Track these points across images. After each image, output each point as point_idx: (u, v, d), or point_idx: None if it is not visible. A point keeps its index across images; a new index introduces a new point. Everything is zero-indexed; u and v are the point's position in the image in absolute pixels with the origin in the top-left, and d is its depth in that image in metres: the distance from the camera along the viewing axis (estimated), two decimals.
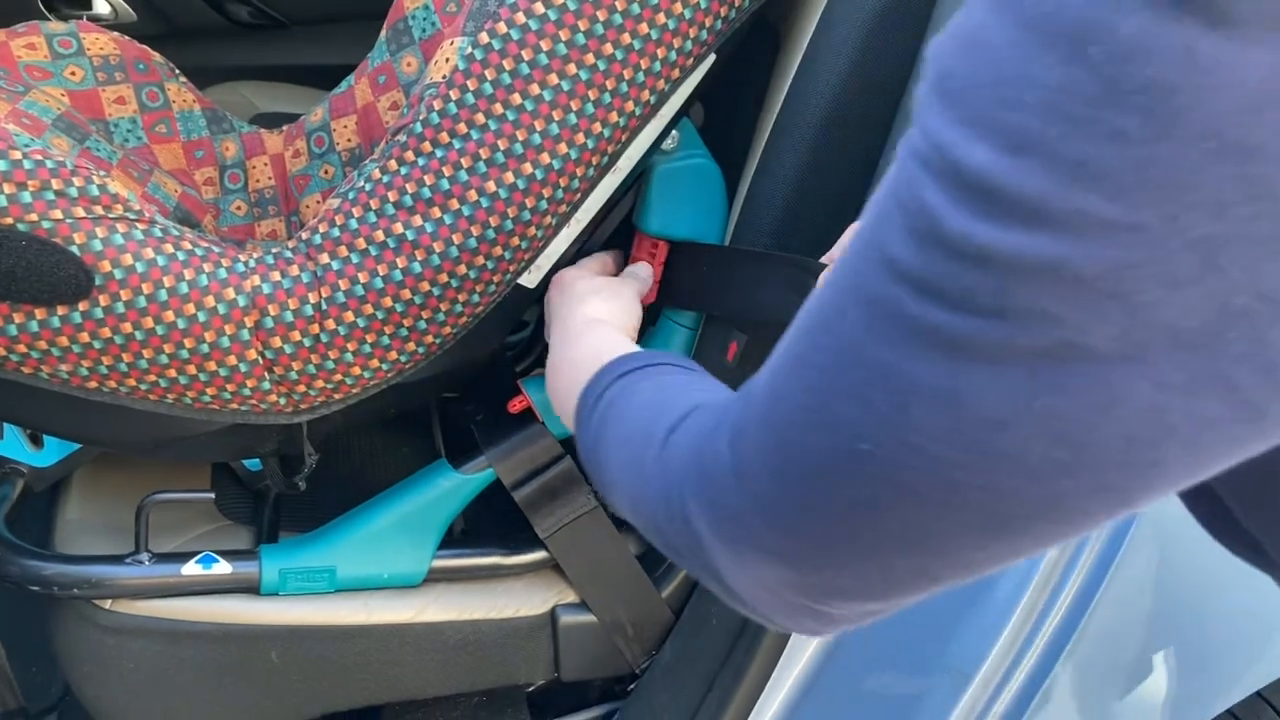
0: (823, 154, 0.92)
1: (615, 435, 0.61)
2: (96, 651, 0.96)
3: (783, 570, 0.44)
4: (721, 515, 0.46)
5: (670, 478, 0.51)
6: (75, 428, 0.93)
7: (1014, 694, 0.83)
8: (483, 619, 1.04)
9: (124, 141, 1.15)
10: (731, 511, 0.46)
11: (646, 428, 0.56)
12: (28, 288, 0.80)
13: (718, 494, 0.46)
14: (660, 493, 0.52)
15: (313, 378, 0.88)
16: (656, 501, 0.52)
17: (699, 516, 0.48)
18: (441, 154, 0.86)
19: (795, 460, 0.42)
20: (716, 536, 0.47)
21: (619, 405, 0.63)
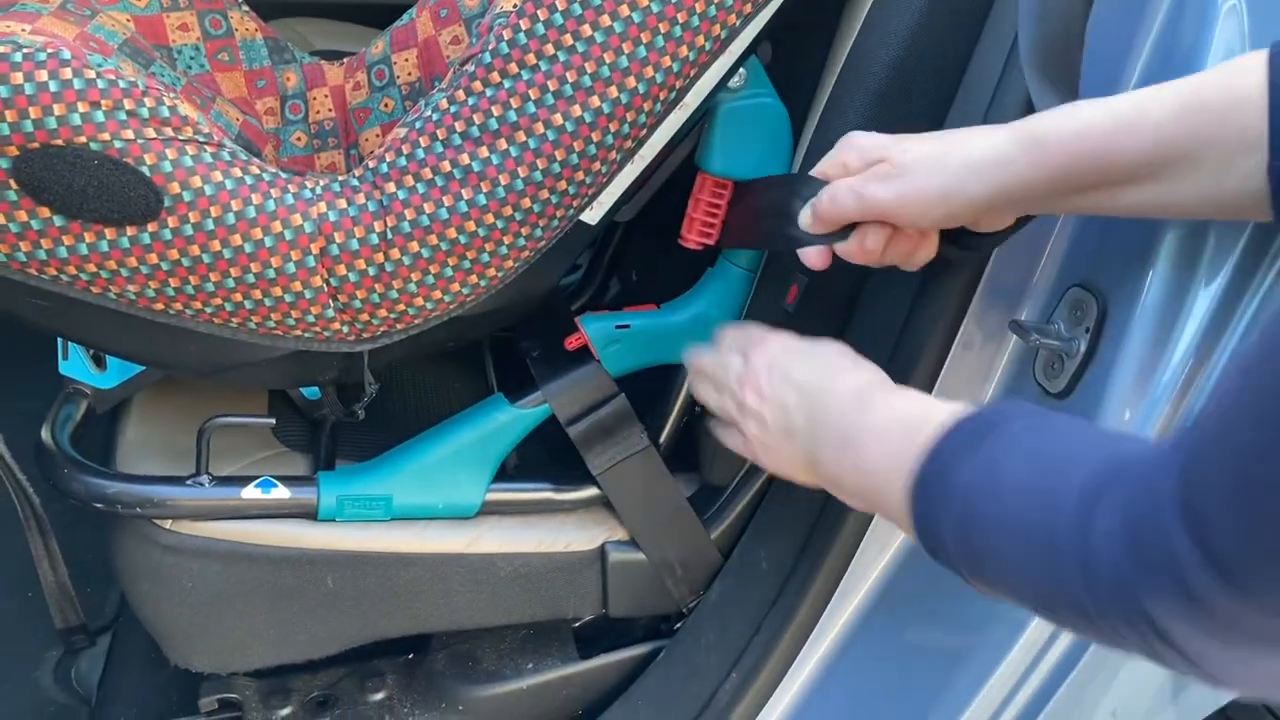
0: (889, 100, 0.91)
1: (995, 524, 0.55)
2: (156, 570, 0.98)
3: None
4: (1204, 614, 0.42)
5: (1106, 578, 0.46)
6: (140, 349, 0.94)
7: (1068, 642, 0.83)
8: (534, 552, 1.05)
9: (187, 68, 1.15)
10: (1218, 610, 0.42)
11: (1045, 519, 0.51)
12: (98, 207, 0.80)
13: (1195, 592, 0.42)
14: (1096, 594, 0.47)
15: (376, 307, 0.89)
16: (1093, 602, 0.48)
17: (1168, 617, 0.44)
18: (509, 85, 0.85)
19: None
20: (1201, 634, 0.43)
21: (987, 488, 0.56)
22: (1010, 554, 0.53)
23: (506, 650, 1.13)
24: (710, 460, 1.08)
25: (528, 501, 1.05)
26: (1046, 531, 0.50)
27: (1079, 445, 0.55)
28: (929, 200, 0.72)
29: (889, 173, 0.74)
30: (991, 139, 0.71)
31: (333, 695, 1.13)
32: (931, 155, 0.73)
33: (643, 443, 1.04)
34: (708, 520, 1.08)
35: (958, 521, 0.57)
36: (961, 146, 0.72)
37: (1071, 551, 0.48)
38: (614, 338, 1.02)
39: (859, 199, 0.75)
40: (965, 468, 0.58)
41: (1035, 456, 0.55)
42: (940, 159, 0.72)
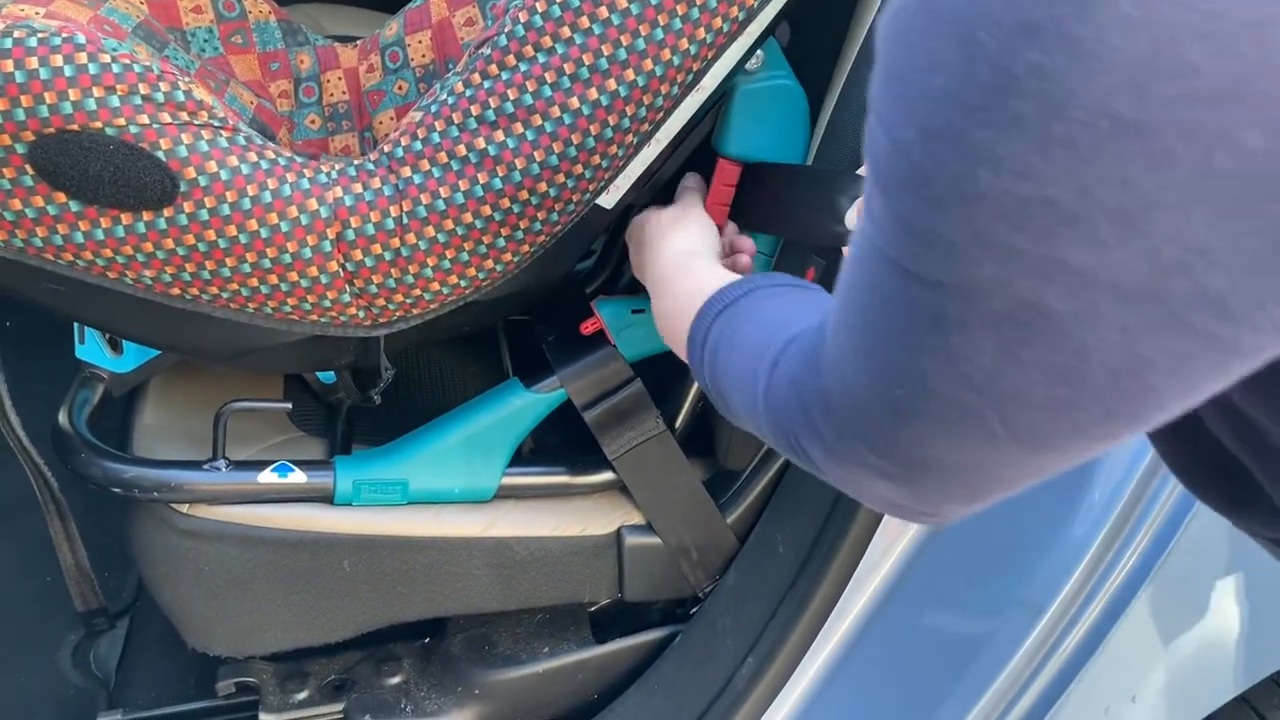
0: None
1: (725, 367, 0.65)
2: (173, 554, 0.98)
3: (884, 486, 0.49)
4: (823, 441, 0.51)
5: (778, 414, 0.56)
6: (156, 334, 0.94)
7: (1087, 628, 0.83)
8: (550, 536, 1.05)
9: (200, 51, 1.15)
10: (828, 438, 0.50)
11: (752, 365, 0.61)
12: (114, 192, 0.80)
13: (815, 421, 0.51)
14: (773, 427, 0.57)
15: (392, 291, 0.89)
16: (770, 427, 0.57)
17: (809, 442, 0.52)
18: (525, 68, 0.85)
19: (868, 400, 0.47)
20: (828, 459, 0.52)
21: (725, 340, 0.67)
22: (735, 391, 0.64)
23: (523, 634, 1.13)
24: (726, 445, 1.08)
25: (544, 486, 1.05)
26: (751, 368, 0.60)
27: (797, 311, 0.64)
28: None
29: None
30: None
31: (349, 679, 1.13)
32: None
33: (658, 427, 1.04)
34: (724, 505, 1.08)
35: (709, 371, 0.68)
36: None
37: (762, 388, 0.58)
38: (629, 322, 1.02)
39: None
40: (714, 327, 0.69)
41: (765, 318, 0.66)
42: None
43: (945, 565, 0.92)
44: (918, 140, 0.37)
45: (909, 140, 0.37)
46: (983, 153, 0.35)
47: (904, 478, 0.48)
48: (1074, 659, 0.83)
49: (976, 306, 0.39)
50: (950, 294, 0.39)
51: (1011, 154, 0.35)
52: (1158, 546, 0.80)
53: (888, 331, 0.43)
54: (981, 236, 0.37)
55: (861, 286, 0.45)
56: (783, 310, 0.66)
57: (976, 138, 0.35)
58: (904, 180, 0.38)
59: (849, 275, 0.46)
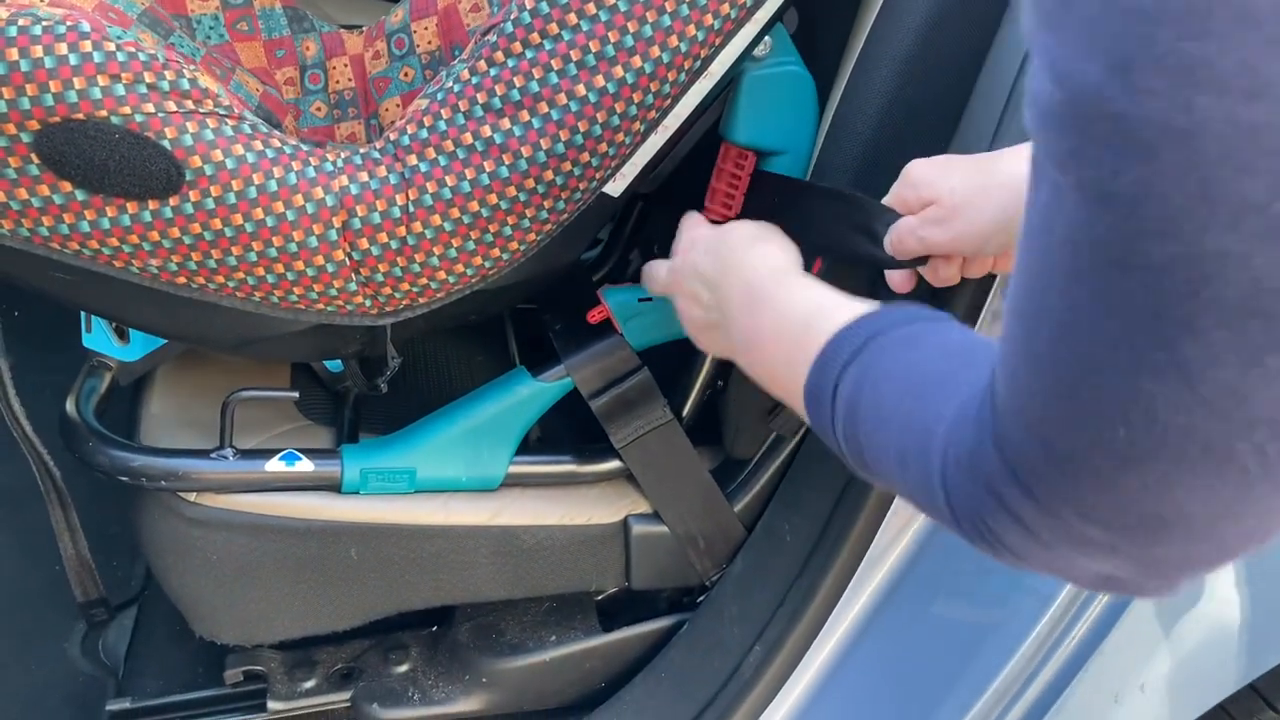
0: (916, 69, 0.89)
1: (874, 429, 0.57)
2: (180, 543, 0.98)
3: (1106, 561, 0.43)
4: (1023, 525, 0.45)
5: (963, 504, 0.49)
6: (163, 323, 0.94)
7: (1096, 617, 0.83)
8: (556, 525, 1.05)
9: (206, 38, 1.14)
10: (1028, 519, 0.44)
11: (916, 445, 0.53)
12: (119, 181, 0.80)
13: (1012, 506, 0.45)
14: (961, 522, 0.50)
15: (399, 280, 0.88)
16: (961, 522, 0.50)
17: (1008, 534, 0.46)
18: (531, 55, 0.84)
19: (1070, 454, 0.41)
20: (1031, 544, 0.45)
21: (868, 399, 0.58)
22: (887, 467, 0.56)
23: (530, 623, 1.13)
24: (733, 433, 1.07)
25: (550, 474, 1.05)
26: (915, 453, 0.53)
27: (952, 364, 0.56)
28: (985, 234, 0.74)
29: (940, 216, 0.76)
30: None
31: (357, 667, 1.13)
32: (977, 190, 0.74)
33: (665, 416, 1.04)
34: (731, 493, 1.08)
35: (844, 430, 0.60)
36: (1004, 172, 0.73)
37: (935, 473, 0.51)
38: (636, 311, 1.02)
39: (921, 243, 0.77)
40: (846, 380, 0.60)
41: (910, 373, 0.57)
42: (984, 192, 0.74)
43: (953, 553, 0.92)
44: (1108, 75, 0.31)
45: (1095, 78, 0.31)
46: (1199, 71, 0.29)
47: (1131, 545, 0.40)
48: (1082, 648, 0.83)
49: (1208, 295, 0.31)
50: (1171, 279, 0.32)
51: (1238, 66, 0.28)
52: None
53: (1094, 353, 0.36)
54: (1206, 187, 0.30)
55: (1046, 305, 0.38)
56: (929, 364, 0.56)
57: (1188, 54, 0.29)
58: (1092, 134, 0.32)
59: (1022, 300, 0.40)
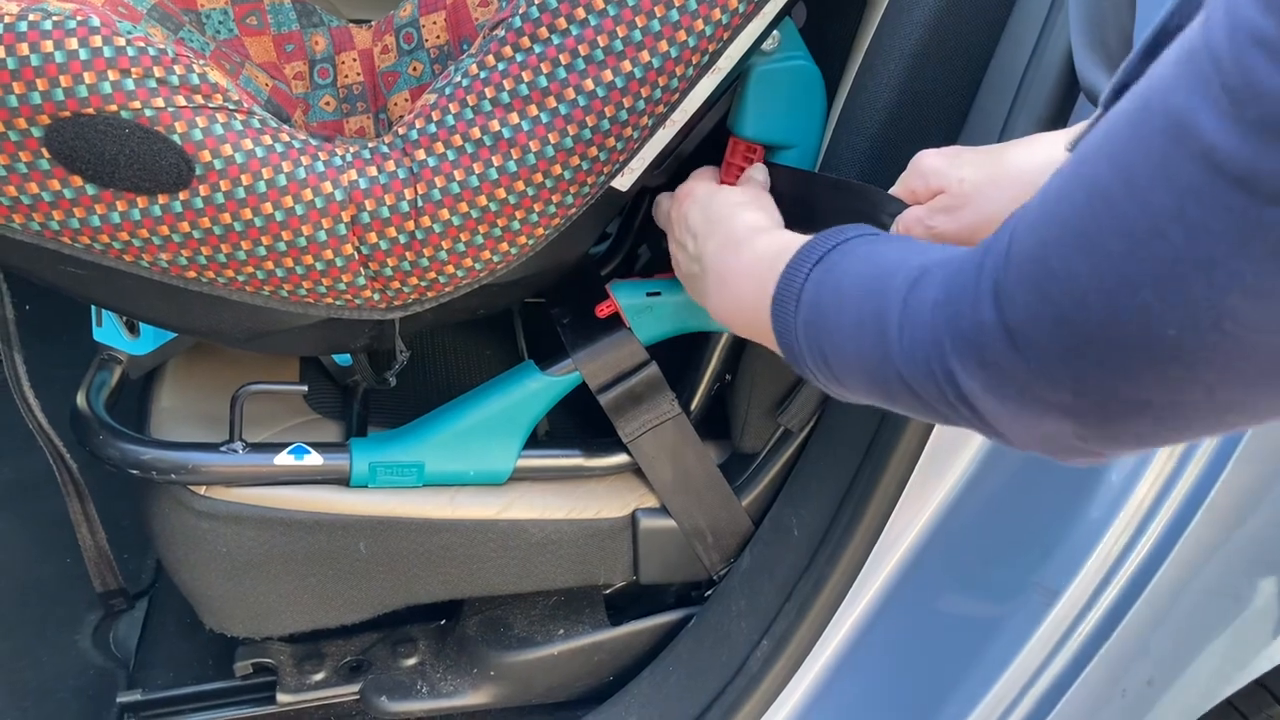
0: (924, 63, 0.89)
1: (834, 314, 0.61)
2: (191, 536, 0.99)
3: (1064, 423, 0.46)
4: (997, 377, 0.48)
5: (921, 341, 0.52)
6: (173, 317, 0.94)
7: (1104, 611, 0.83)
8: (564, 519, 1.05)
9: (215, 33, 1.14)
10: (1008, 374, 0.47)
11: (875, 299, 0.57)
12: (130, 175, 0.80)
13: (989, 356, 0.48)
14: (910, 356, 0.53)
15: (407, 274, 0.89)
16: (907, 365, 0.54)
17: (969, 377, 0.49)
18: (540, 50, 0.84)
19: (1084, 335, 0.43)
20: (992, 395, 0.49)
21: (830, 286, 0.62)
22: (847, 338, 0.59)
23: (538, 616, 1.13)
24: (741, 427, 1.07)
25: (558, 468, 1.05)
26: (875, 306, 0.56)
27: (914, 247, 0.60)
28: (986, 227, 0.73)
29: (950, 204, 0.76)
30: (1045, 148, 0.71)
31: (366, 660, 1.14)
32: (987, 180, 0.74)
33: (674, 410, 1.04)
34: (738, 487, 1.08)
35: (805, 322, 0.63)
36: (1014, 163, 0.73)
37: (895, 321, 0.54)
38: (645, 305, 1.02)
39: (929, 232, 0.77)
40: (811, 276, 0.64)
41: (871, 258, 0.61)
42: (995, 182, 0.74)
43: (960, 548, 0.92)
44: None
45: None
46: None
47: (1103, 419, 0.44)
48: (1090, 642, 0.83)
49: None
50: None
51: None
52: (1176, 528, 0.80)
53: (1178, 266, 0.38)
54: None
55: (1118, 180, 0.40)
56: (892, 250, 0.61)
57: None
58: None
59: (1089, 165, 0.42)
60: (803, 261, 0.66)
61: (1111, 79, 0.52)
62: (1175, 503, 0.80)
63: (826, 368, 0.63)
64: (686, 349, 1.06)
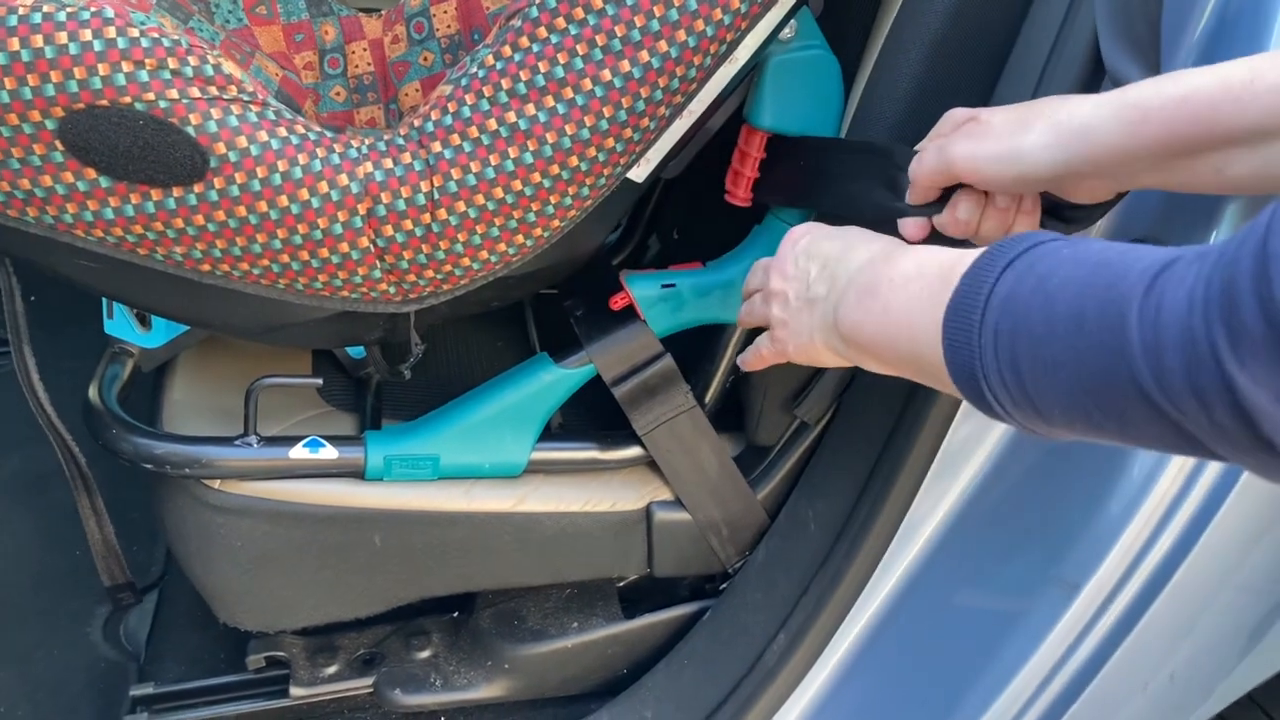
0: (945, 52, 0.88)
1: (1040, 318, 0.52)
2: (205, 530, 0.98)
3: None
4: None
5: (1176, 345, 0.44)
6: (187, 310, 0.93)
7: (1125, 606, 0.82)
8: (579, 511, 1.05)
9: (225, 22, 1.14)
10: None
11: (1099, 298, 0.48)
12: (144, 168, 0.80)
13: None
14: (1159, 366, 0.45)
15: (423, 267, 0.88)
16: (1154, 377, 0.45)
17: (1253, 384, 0.41)
18: (556, 40, 0.84)
19: None
20: (1254, 376, 0.41)
21: (1030, 287, 0.53)
22: (1060, 349, 0.50)
23: (551, 609, 1.13)
24: (756, 420, 1.07)
25: (573, 461, 1.05)
26: (1103, 311, 0.47)
27: (1134, 247, 0.52)
28: (1001, 158, 0.72)
29: (974, 132, 0.74)
30: (1084, 106, 0.69)
31: (379, 653, 1.13)
32: (1017, 118, 0.73)
33: (688, 403, 1.03)
34: (754, 480, 1.07)
35: (997, 331, 0.54)
36: (1048, 111, 0.71)
37: (1136, 326, 0.46)
38: (660, 297, 1.01)
39: (942, 155, 0.75)
40: (1004, 279, 0.55)
41: (1081, 258, 0.52)
42: (1022, 121, 0.72)
43: (979, 541, 0.91)
44: None
45: None
46: None
47: None
48: (1111, 637, 0.83)
49: None
50: None
51: None
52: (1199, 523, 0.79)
53: None
54: None
55: None
56: (1109, 250, 0.52)
57: None
58: None
59: None
60: (990, 264, 0.57)
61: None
62: (1199, 495, 0.79)
63: (1019, 387, 0.53)
64: (701, 340, 1.06)
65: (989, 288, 0.55)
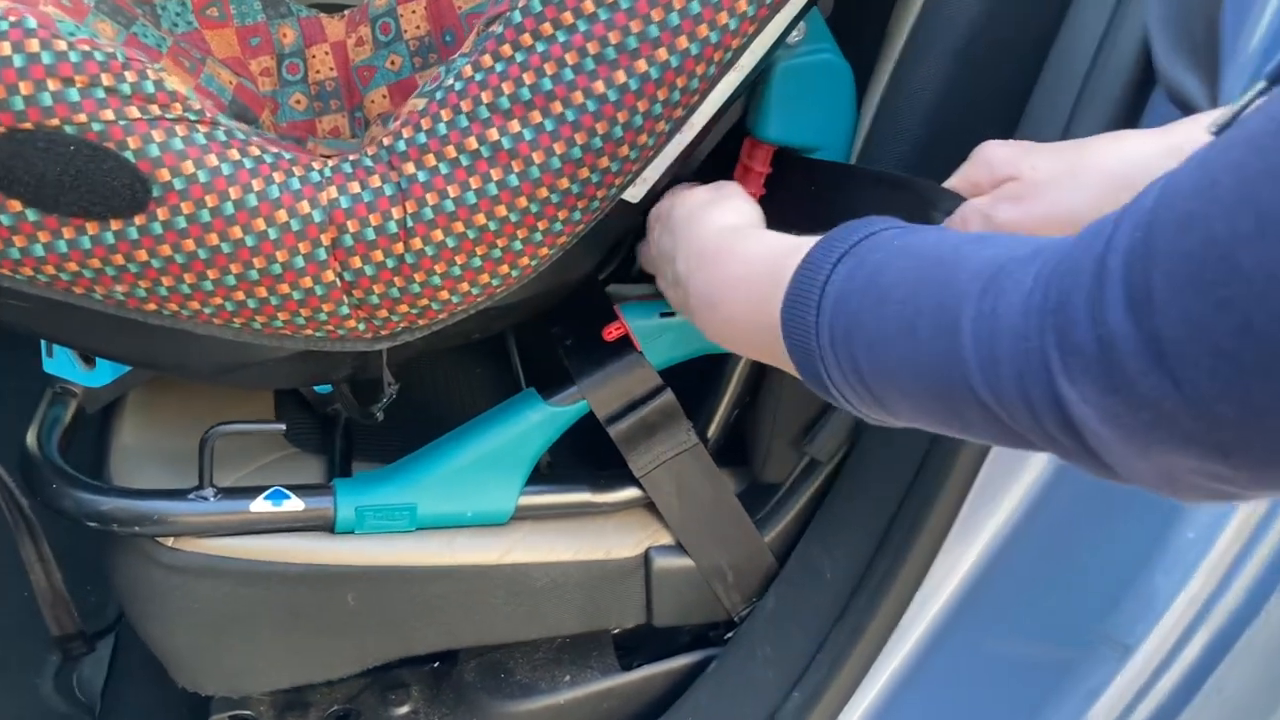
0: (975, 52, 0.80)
1: (873, 316, 0.51)
2: (159, 591, 0.89)
3: (1209, 462, 0.38)
4: (1127, 404, 0.39)
5: (1010, 355, 0.43)
6: (131, 351, 0.85)
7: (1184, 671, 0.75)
8: (572, 561, 0.96)
9: (172, 26, 1.04)
10: (1144, 400, 0.38)
11: (932, 294, 0.48)
12: (77, 199, 0.71)
13: (1120, 379, 0.39)
14: (993, 373, 0.44)
15: (396, 302, 0.79)
16: (987, 382, 0.45)
17: (1083, 403, 0.40)
18: (544, 48, 0.75)
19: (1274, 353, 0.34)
20: (1114, 425, 0.40)
21: (863, 282, 0.53)
22: (893, 345, 0.50)
23: (541, 661, 1.04)
24: (764, 456, 0.99)
25: (564, 505, 0.96)
26: (933, 303, 0.47)
27: (971, 237, 0.51)
28: (1065, 221, 0.64)
29: (1019, 193, 0.67)
30: (1138, 148, 0.62)
31: (353, 709, 1.05)
32: (1066, 171, 0.65)
33: (690, 440, 0.95)
34: (760, 521, 0.99)
35: (833, 329, 0.54)
36: (1099, 158, 0.65)
37: (968, 327, 0.46)
38: (659, 327, 0.92)
39: (988, 222, 0.68)
40: (836, 273, 0.55)
41: (916, 250, 0.52)
42: (1074, 175, 0.65)
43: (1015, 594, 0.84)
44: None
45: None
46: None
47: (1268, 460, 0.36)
48: (1170, 704, 0.75)
49: None
50: None
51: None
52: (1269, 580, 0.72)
53: None
54: None
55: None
56: (943, 241, 0.52)
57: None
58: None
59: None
60: (822, 259, 0.56)
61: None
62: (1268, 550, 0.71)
63: (862, 385, 0.53)
64: (700, 371, 0.97)
65: (821, 284, 0.55)
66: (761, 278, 0.61)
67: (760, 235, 0.69)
